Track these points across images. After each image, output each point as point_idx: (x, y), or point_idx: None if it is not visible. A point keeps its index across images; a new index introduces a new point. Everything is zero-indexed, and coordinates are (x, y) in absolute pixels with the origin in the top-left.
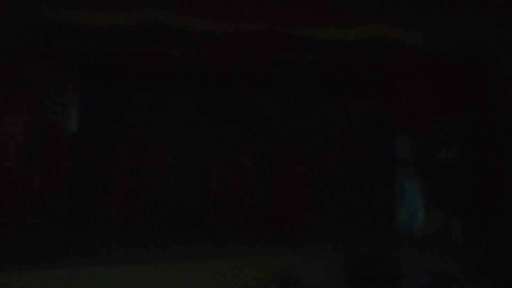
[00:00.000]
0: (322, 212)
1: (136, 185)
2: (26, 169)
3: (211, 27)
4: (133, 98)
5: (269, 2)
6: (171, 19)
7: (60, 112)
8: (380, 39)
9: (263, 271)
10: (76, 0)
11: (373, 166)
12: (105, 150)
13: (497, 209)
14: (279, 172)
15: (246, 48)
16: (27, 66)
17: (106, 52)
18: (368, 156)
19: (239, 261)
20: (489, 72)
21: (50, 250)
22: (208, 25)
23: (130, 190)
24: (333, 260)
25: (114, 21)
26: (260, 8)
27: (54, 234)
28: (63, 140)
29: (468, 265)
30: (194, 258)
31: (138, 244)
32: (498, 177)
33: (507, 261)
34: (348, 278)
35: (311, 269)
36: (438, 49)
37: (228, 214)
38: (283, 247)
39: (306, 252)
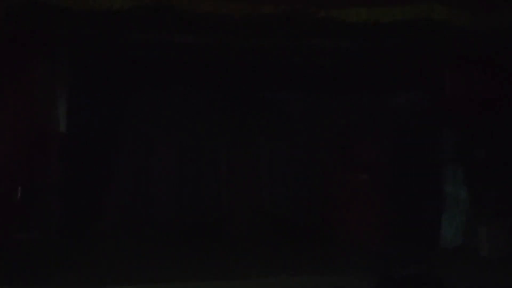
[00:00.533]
0: (356, 226)
1: (139, 193)
2: (9, 176)
3: (222, 10)
4: (134, 94)
5: None
6: (176, 1)
7: (49, 110)
8: (422, 20)
9: None
10: None
11: (414, 171)
12: (102, 152)
13: None
14: (309, 178)
15: (264, 33)
16: (9, 57)
17: (102, 41)
18: (408, 158)
19: (260, 282)
20: None
21: (39, 270)
22: (219, 7)
23: (132, 200)
24: (367, 283)
25: (110, 5)
26: None
27: (43, 252)
28: (52, 142)
29: None
30: (207, 279)
31: (142, 262)
32: None
33: None
34: None
35: None
36: (492, 32)
37: (248, 227)
38: (312, 266)
39: (337, 272)
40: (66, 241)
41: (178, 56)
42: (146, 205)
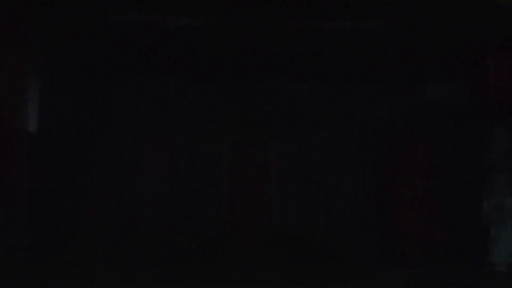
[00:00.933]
0: (385, 241)
1: (124, 203)
2: None
3: None
4: (120, 86)
5: None
6: None
7: (15, 106)
8: None
9: None
10: None
11: (459, 177)
12: (81, 155)
13: None
14: (331, 187)
15: (276, 13)
16: None
17: (79, 24)
18: (450, 162)
19: None
20: None
21: None
22: None
23: (116, 211)
24: None
25: None
26: None
27: (12, 272)
28: (20, 144)
29: None
30: None
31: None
32: None
33: None
34: None
35: None
36: None
37: (254, 248)
38: None
39: None
40: (36, 260)
41: (171, 40)
42: (132, 218)
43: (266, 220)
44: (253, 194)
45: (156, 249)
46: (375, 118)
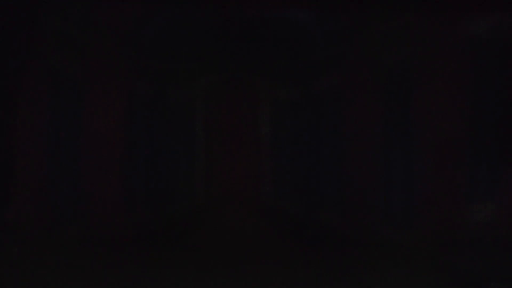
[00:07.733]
0: (417, 223)
1: (60, 168)
2: None
3: None
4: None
5: None
6: None
7: None
8: None
9: None
10: None
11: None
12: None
13: None
14: (337, 147)
15: None
16: None
17: None
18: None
19: None
20: None
21: None
22: None
23: (48, 178)
24: None
25: None
26: None
27: None
28: None
29: None
30: None
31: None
32: None
33: None
34: None
35: None
36: None
37: (236, 225)
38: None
39: None
40: None
41: None
42: (72, 188)
43: (254, 193)
44: (238, 156)
45: (107, 230)
46: (410, 57)
